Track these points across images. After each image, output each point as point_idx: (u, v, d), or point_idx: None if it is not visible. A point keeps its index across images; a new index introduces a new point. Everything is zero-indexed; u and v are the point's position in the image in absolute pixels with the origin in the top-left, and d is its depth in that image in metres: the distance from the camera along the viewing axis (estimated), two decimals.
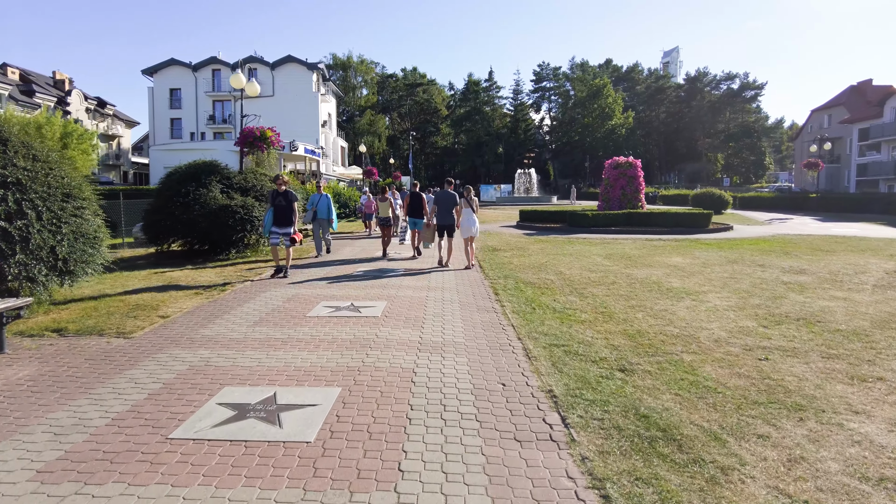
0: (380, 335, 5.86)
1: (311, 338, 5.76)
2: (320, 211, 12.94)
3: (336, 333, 5.93)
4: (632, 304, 7.73)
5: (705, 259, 12.45)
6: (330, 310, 7.06)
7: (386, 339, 5.68)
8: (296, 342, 5.62)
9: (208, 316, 6.87)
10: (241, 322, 6.52)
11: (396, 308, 7.25)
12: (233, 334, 5.97)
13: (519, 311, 7.15)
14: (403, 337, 5.80)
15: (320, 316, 6.73)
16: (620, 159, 23.33)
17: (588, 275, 10.20)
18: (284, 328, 6.19)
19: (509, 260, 12.33)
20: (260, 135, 13.57)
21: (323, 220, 13.00)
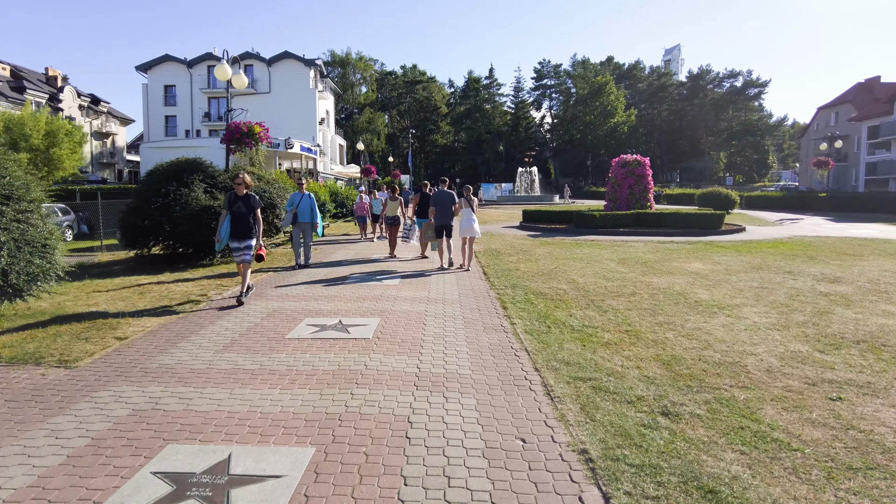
0: (370, 365, 4.91)
1: (287, 369, 4.82)
2: (301, 213, 10.90)
3: (317, 362, 4.98)
4: (659, 321, 6.80)
5: (727, 265, 11.51)
6: (314, 329, 6.12)
7: (377, 371, 4.74)
8: (268, 375, 4.68)
9: (173, 337, 5.93)
10: (209, 345, 5.58)
11: (391, 326, 6.31)
12: (195, 362, 5.03)
13: (532, 331, 6.21)
14: (398, 367, 4.86)
15: (301, 338, 5.79)
16: (628, 157, 22.38)
17: (604, 284, 9.26)
18: (257, 354, 5.25)
19: (515, 265, 11.39)
20: (247, 130, 12.63)
21: (305, 224, 10.99)
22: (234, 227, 7.65)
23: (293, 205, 10.92)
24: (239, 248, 7.70)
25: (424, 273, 10.48)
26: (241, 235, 7.70)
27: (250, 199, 7.80)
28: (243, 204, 7.72)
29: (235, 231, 7.67)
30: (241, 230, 7.69)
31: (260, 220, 7.85)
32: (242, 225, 7.68)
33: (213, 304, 7.57)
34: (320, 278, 9.81)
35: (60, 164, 24.59)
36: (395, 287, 8.85)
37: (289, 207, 10.96)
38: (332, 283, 9.23)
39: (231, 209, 7.68)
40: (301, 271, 10.64)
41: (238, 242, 7.70)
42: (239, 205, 7.70)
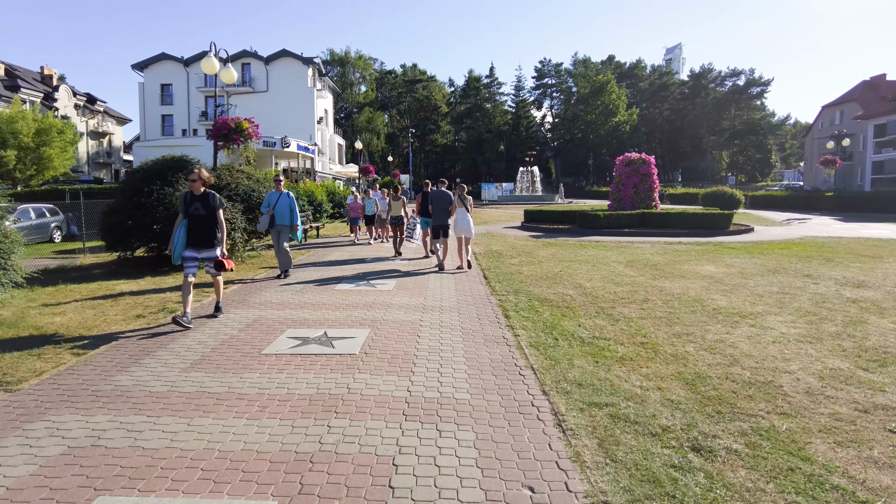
0: (353, 388, 4.30)
1: (258, 392, 4.21)
2: (279, 214, 9.65)
3: (294, 384, 4.37)
4: (676, 332, 6.18)
5: (741, 268, 10.89)
6: (294, 343, 5.50)
7: (360, 396, 4.13)
8: (235, 400, 4.06)
9: (137, 352, 5.31)
10: (175, 362, 4.96)
11: (381, 339, 5.69)
12: (156, 384, 4.42)
13: (538, 344, 5.60)
14: (385, 390, 4.24)
15: (280, 353, 5.17)
16: (633, 156, 21.77)
17: (613, 289, 8.64)
18: (227, 374, 4.64)
19: (517, 268, 10.77)
20: (235, 126, 12.01)
21: (283, 227, 9.73)
22: (192, 233, 6.35)
23: (269, 205, 9.68)
24: (196, 258, 6.37)
25: (422, 276, 9.87)
26: (201, 243, 6.38)
27: (210, 198, 6.46)
28: (202, 205, 6.40)
29: (193, 238, 6.36)
30: (201, 237, 6.37)
31: (223, 224, 6.57)
32: (201, 231, 6.37)
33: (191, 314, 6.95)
34: (309, 283, 9.20)
35: (50, 162, 23.98)
36: (388, 293, 8.23)
37: (265, 208, 9.72)
38: (321, 289, 8.62)
39: (187, 212, 6.38)
40: (291, 273, 10.02)
41: (196, 252, 6.37)
42: (196, 206, 6.39)
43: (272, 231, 9.88)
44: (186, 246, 6.34)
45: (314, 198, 24.80)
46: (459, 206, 11.00)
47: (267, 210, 9.66)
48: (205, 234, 6.41)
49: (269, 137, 30.04)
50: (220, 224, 6.54)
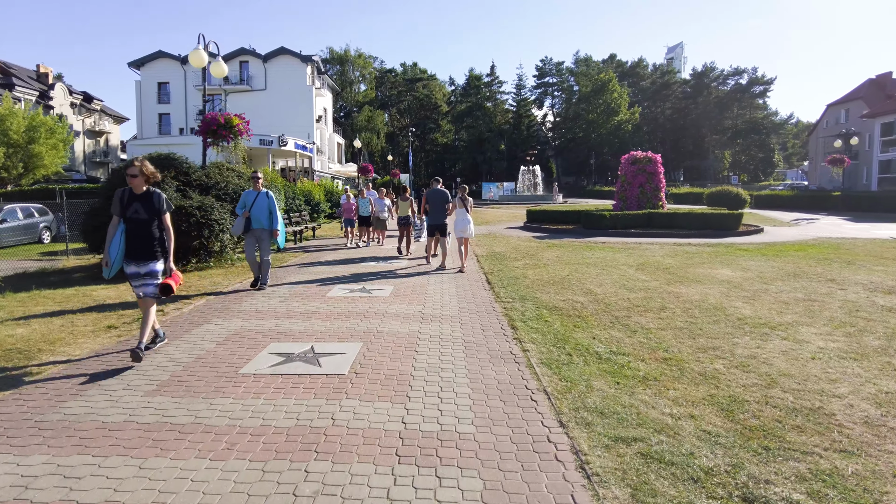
0: (339, 418, 3.70)
1: (229, 424, 3.61)
2: (256, 217, 8.41)
3: (271, 413, 3.77)
4: (701, 345, 5.59)
5: (759, 271, 10.30)
6: (277, 360, 4.91)
7: (347, 429, 3.53)
8: (201, 434, 3.47)
9: (100, 370, 4.72)
10: (140, 384, 4.37)
11: (374, 355, 5.10)
12: (112, 412, 3.82)
13: (550, 361, 5.00)
14: (377, 422, 3.64)
15: (259, 373, 4.58)
16: (639, 154, 21.17)
17: (626, 295, 8.05)
18: (196, 399, 4.04)
19: (522, 272, 10.18)
20: (224, 122, 11.42)
21: (261, 232, 8.50)
22: (131, 241, 5.02)
23: (245, 206, 8.46)
24: (138, 273, 5.04)
25: (421, 280, 9.27)
26: (141, 254, 5.03)
27: (154, 199, 5.07)
28: (143, 207, 5.01)
29: (132, 248, 5.02)
30: (140, 246, 5.02)
31: (170, 230, 5.18)
32: (141, 238, 5.02)
33: (167, 324, 6.36)
34: (299, 289, 8.60)
35: (41, 161, 23.37)
36: (384, 300, 7.63)
37: (240, 210, 8.48)
38: (312, 295, 8.02)
39: (124, 215, 5.02)
40: (280, 281, 9.41)
41: (136, 265, 5.03)
42: (136, 208, 5.00)
43: (247, 237, 8.60)
44: (124, 257, 5.07)
45: (311, 197, 24.25)
46: (460, 207, 10.85)
47: (242, 212, 8.47)
48: (145, 244, 5.04)
49: (265, 136, 29.46)
50: (167, 231, 5.15)
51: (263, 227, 8.50)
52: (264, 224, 8.49)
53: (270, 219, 8.52)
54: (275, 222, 8.52)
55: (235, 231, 8.65)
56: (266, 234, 8.55)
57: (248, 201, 8.51)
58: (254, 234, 8.55)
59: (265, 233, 8.54)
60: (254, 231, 8.51)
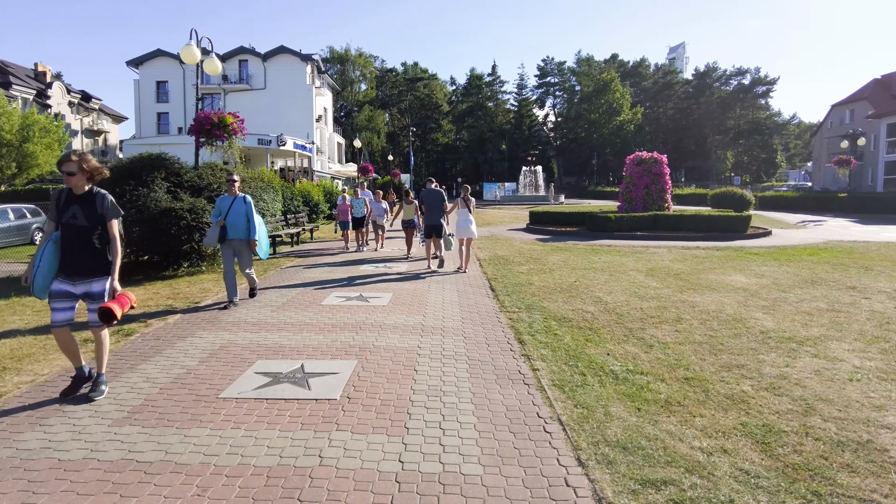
0: (328, 455, 3.26)
1: (202, 463, 3.17)
2: (232, 225, 7.37)
3: (251, 449, 3.33)
4: (724, 362, 5.15)
5: (774, 278, 9.85)
6: (263, 381, 4.47)
7: (336, 471, 3.09)
8: (169, 475, 3.03)
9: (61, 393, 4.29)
10: (109, 409, 3.94)
11: (370, 375, 4.66)
12: (73, 445, 3.39)
13: (562, 382, 4.56)
14: (370, 460, 3.20)
15: (241, 397, 4.14)
16: (644, 154, 20.73)
17: (638, 304, 7.61)
18: (169, 429, 3.61)
19: (527, 278, 9.74)
20: (218, 121, 10.98)
21: (238, 243, 7.47)
22: (65, 253, 4.11)
23: (221, 213, 7.40)
24: (69, 293, 4.10)
25: (421, 286, 8.83)
26: (77, 270, 4.10)
27: (97, 201, 4.14)
28: (82, 211, 4.08)
29: (66, 261, 4.11)
30: (76, 260, 4.09)
31: (117, 241, 4.20)
32: (78, 250, 4.09)
33: (148, 336, 5.93)
34: (293, 297, 8.16)
35: (35, 160, 22.94)
36: (383, 309, 7.19)
37: (214, 218, 7.45)
38: (306, 304, 7.58)
39: (59, 221, 4.12)
40: (276, 284, 8.97)
41: (69, 283, 4.10)
42: (74, 212, 4.07)
43: (223, 249, 7.52)
44: (57, 273, 4.10)
45: (310, 198, 23.80)
46: (462, 207, 10.73)
47: (217, 220, 7.39)
48: (83, 257, 4.08)
49: (264, 135, 29.05)
50: (112, 241, 4.17)
51: (241, 236, 7.44)
52: (241, 233, 7.43)
53: (249, 227, 7.46)
54: (253, 231, 7.43)
55: (208, 242, 7.55)
56: (244, 244, 7.50)
57: (223, 208, 7.44)
58: (231, 246, 7.49)
59: (243, 244, 7.49)
60: (230, 242, 7.45)
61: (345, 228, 14.33)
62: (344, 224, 14.24)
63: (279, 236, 14.04)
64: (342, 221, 14.24)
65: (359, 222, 14.26)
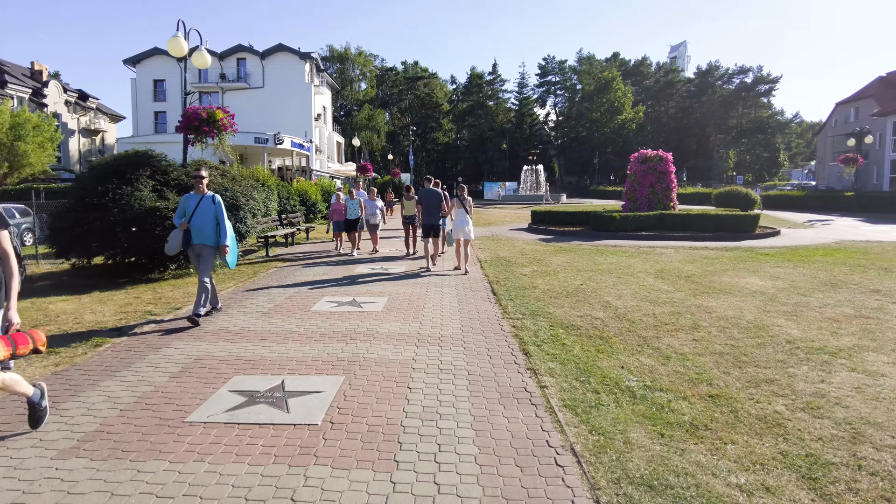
0: (302, 499, 2.76)
1: (167, 498, 2.68)
2: (198, 229, 6.38)
3: (212, 489, 2.83)
4: (751, 377, 4.65)
5: (791, 280, 9.35)
6: (237, 401, 3.97)
7: None
8: None
9: (13, 416, 3.79)
10: (57, 437, 3.44)
11: (357, 394, 4.16)
12: (7, 482, 2.89)
13: (574, 402, 4.06)
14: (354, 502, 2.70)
15: (211, 421, 3.65)
16: (649, 152, 20.22)
17: (650, 309, 7.11)
18: (122, 462, 3.11)
19: (530, 280, 9.24)
20: (207, 117, 10.49)
21: (203, 249, 6.47)
22: None
23: (185, 215, 6.42)
24: None
25: (418, 288, 8.32)
26: None
27: None
28: None
29: None
30: None
31: (9, 258, 3.27)
32: None
33: (118, 347, 5.44)
34: (281, 301, 7.66)
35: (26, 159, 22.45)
36: (376, 316, 6.69)
37: (177, 220, 6.49)
38: (294, 310, 7.08)
39: None
40: (260, 286, 8.48)
41: None
42: None
43: (190, 254, 6.65)
44: None
45: (307, 197, 23.32)
46: (458, 207, 10.51)
47: (181, 221, 6.41)
48: None
49: (260, 134, 28.57)
50: (4, 258, 3.27)
51: (206, 242, 6.39)
52: (208, 238, 6.39)
53: (216, 231, 6.41)
54: (223, 236, 6.39)
55: (170, 249, 6.44)
56: (210, 251, 6.46)
57: (187, 208, 6.42)
58: (195, 252, 6.51)
59: (209, 250, 6.46)
60: (195, 248, 6.47)
61: (338, 230, 13.36)
62: (337, 225, 13.26)
63: (273, 237, 13.52)
64: (335, 222, 13.26)
65: (352, 225, 13.14)
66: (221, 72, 45.91)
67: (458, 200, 10.54)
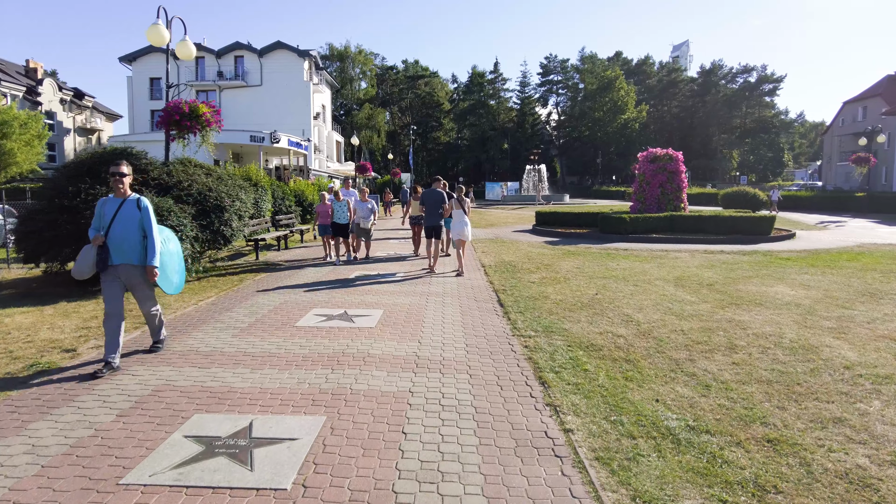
0: None
1: None
2: (117, 244, 4.70)
3: None
4: (813, 414, 3.89)
5: (824, 289, 8.58)
6: (188, 453, 3.19)
7: None
8: None
9: None
10: None
11: (340, 442, 3.38)
12: None
13: (606, 454, 3.28)
14: None
15: (151, 483, 2.87)
16: (658, 151, 19.47)
17: (677, 324, 6.33)
18: None
19: (540, 289, 8.46)
20: (189, 111, 9.73)
21: (130, 272, 4.79)
22: None
23: (102, 225, 4.71)
24: None
25: (418, 297, 7.54)
26: None
27: None
28: None
29: None
30: None
31: None
32: None
33: (66, 375, 4.67)
34: (263, 315, 6.88)
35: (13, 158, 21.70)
36: (369, 333, 5.91)
37: (93, 231, 4.75)
38: (278, 324, 6.31)
39: None
40: (236, 307, 7.69)
41: None
42: None
43: (105, 280, 4.73)
44: None
45: (304, 198, 22.55)
46: (457, 208, 10.31)
47: (97, 233, 4.70)
48: None
49: (256, 132, 27.83)
50: None
51: (131, 261, 4.74)
52: (132, 256, 4.74)
53: (143, 246, 4.78)
54: (151, 252, 4.75)
55: (79, 272, 4.69)
56: (137, 273, 4.79)
57: (105, 217, 4.72)
58: (116, 275, 4.74)
59: (136, 272, 4.78)
60: (116, 269, 4.72)
61: (324, 234, 11.84)
62: (323, 228, 11.71)
63: (263, 239, 12.75)
64: (321, 225, 11.73)
65: (341, 230, 11.54)
66: (219, 70, 45.19)
67: (455, 201, 10.39)
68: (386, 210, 29.57)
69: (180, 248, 5.48)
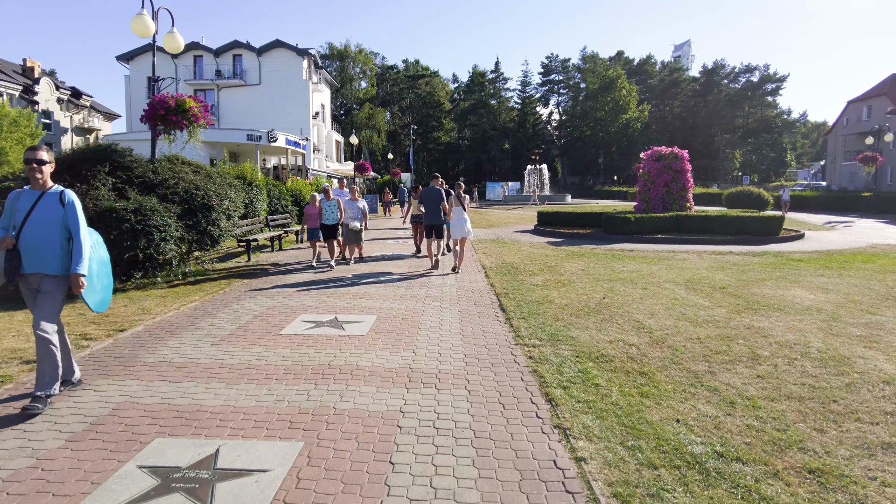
0: None
1: None
2: (31, 247, 3.76)
3: None
4: (856, 437, 3.44)
5: (844, 292, 8.11)
6: (141, 488, 2.74)
7: None
8: None
9: None
10: None
11: (316, 476, 2.92)
12: None
13: (626, 489, 2.83)
14: None
15: None
16: (663, 149, 19.04)
17: (691, 331, 5.87)
18: None
19: (544, 293, 8.00)
20: (175, 106, 9.28)
21: (46, 282, 3.83)
22: None
23: (13, 224, 3.81)
24: None
25: (415, 300, 7.08)
26: None
27: None
28: None
29: None
30: None
31: None
32: None
33: (19, 388, 4.21)
34: (247, 321, 6.42)
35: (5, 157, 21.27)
36: (359, 342, 5.46)
37: (1, 231, 3.80)
38: (263, 331, 5.85)
39: None
40: (219, 312, 7.23)
41: None
42: None
43: (23, 288, 3.93)
44: None
45: (301, 198, 22.09)
46: (456, 206, 10.22)
47: (5, 234, 3.77)
48: None
49: (253, 131, 27.40)
50: None
51: (46, 270, 3.82)
52: (49, 263, 3.83)
53: (65, 250, 3.88)
54: (77, 259, 3.83)
55: None
56: (54, 284, 3.86)
57: (17, 212, 3.84)
58: (29, 283, 3.89)
59: (51, 282, 3.85)
60: (28, 279, 3.86)
61: (312, 238, 11.04)
62: (312, 232, 10.99)
63: (255, 240, 12.30)
64: (310, 229, 10.99)
65: (330, 231, 11.01)
66: (217, 68, 44.79)
67: (454, 199, 10.29)
68: (386, 210, 29.15)
69: (108, 258, 4.40)
